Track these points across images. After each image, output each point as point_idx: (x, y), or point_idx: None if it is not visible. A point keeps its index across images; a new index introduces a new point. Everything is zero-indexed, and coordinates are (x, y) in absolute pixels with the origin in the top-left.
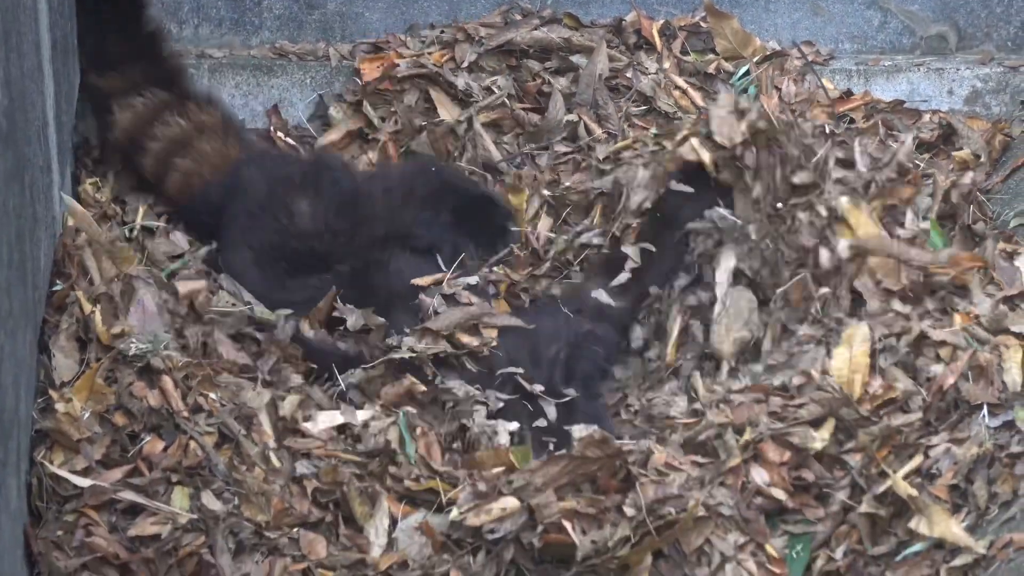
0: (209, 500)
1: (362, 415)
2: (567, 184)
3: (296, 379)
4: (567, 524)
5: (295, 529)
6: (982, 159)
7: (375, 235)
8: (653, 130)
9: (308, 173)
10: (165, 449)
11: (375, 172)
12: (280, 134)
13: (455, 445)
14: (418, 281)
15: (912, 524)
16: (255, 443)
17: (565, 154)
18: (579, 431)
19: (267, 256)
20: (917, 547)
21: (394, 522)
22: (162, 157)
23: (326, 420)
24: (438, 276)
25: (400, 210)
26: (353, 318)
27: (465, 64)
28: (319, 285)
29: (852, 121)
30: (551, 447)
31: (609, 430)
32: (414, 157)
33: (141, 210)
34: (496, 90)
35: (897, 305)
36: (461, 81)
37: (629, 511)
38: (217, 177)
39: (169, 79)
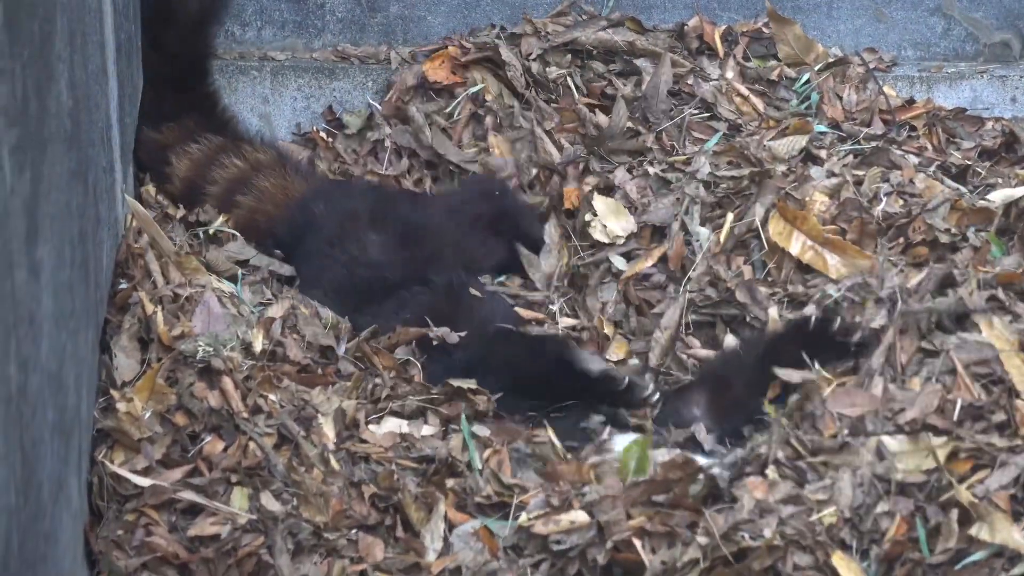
0: (268, 501)
1: (426, 428)
2: None
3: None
4: (636, 542)
5: (353, 531)
6: None
7: (444, 262)
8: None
9: (375, 206)
10: (225, 449)
11: (438, 196)
12: (323, 134)
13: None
14: (523, 314)
15: (973, 531)
16: (314, 445)
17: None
18: (661, 455)
19: (341, 288)
20: (977, 556)
21: (452, 528)
22: (223, 198)
23: (389, 427)
24: (539, 315)
25: (467, 235)
26: (450, 336)
27: (533, 56)
28: (396, 310)
29: (913, 129)
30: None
31: None
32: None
33: (221, 218)
34: (566, 84)
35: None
36: (535, 67)
37: (702, 539)
38: (281, 212)
39: (224, 127)
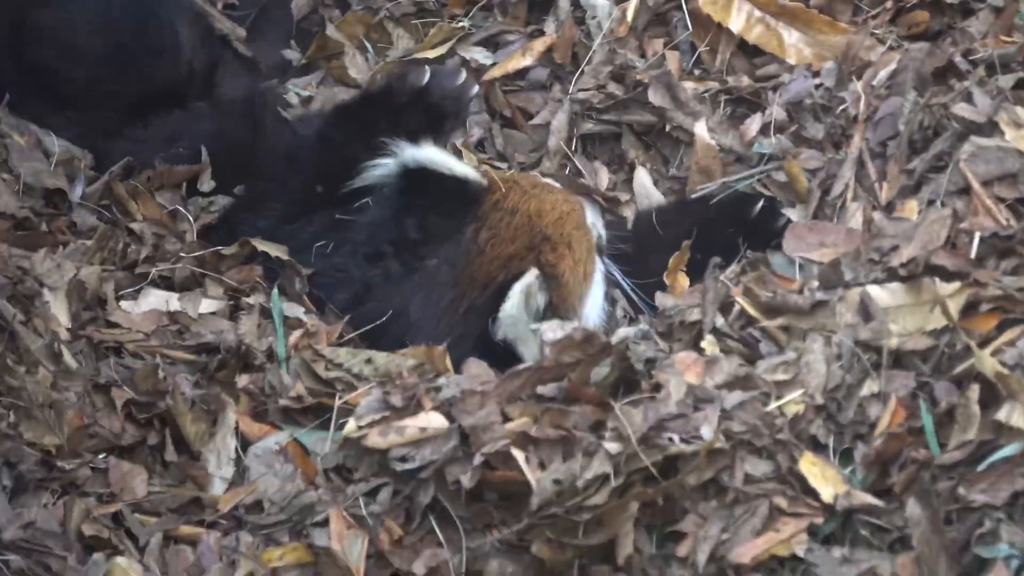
0: None
1: (206, 303)
2: None
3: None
4: (518, 455)
5: (101, 456)
6: None
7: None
8: None
9: None
10: None
11: None
12: None
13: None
14: None
15: (1002, 415)
16: (39, 334)
17: None
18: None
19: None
20: (1008, 450)
21: (247, 445)
22: None
23: (151, 303)
24: None
25: None
26: (205, 185)
27: None
28: (168, 137)
29: None
30: None
31: None
32: None
33: None
34: None
35: None
36: None
37: (612, 446)
38: None
39: None
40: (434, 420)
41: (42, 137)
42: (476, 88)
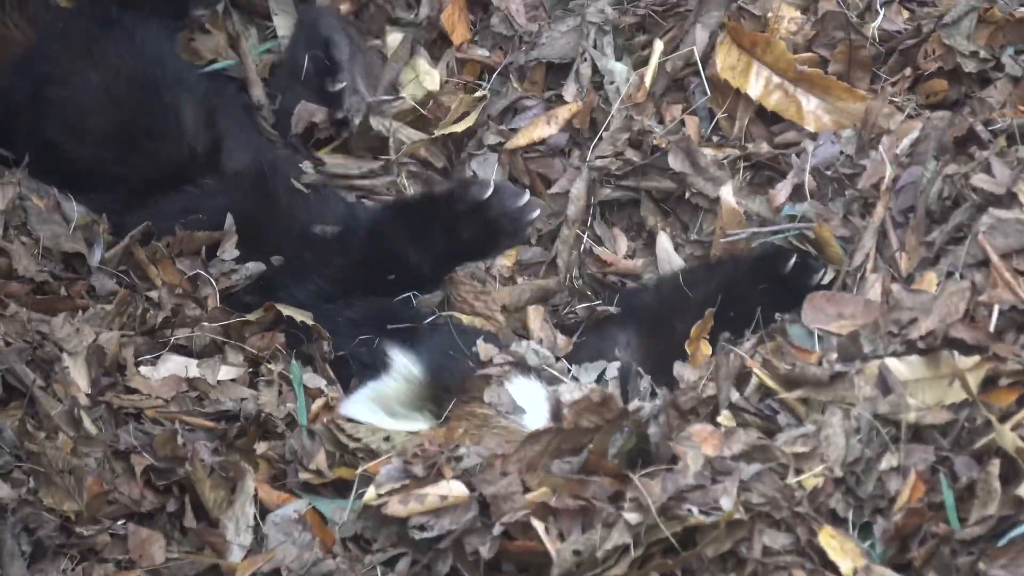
0: None
1: (226, 370)
2: None
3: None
4: (537, 525)
5: (120, 522)
6: None
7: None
8: None
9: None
10: None
11: None
12: None
13: None
14: None
15: (1022, 491)
16: (59, 399)
17: None
18: (569, 392)
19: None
20: None
21: (265, 513)
22: None
23: (170, 369)
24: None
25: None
26: (228, 252)
27: None
28: (180, 209)
29: None
30: None
31: None
32: None
33: None
34: None
35: None
36: None
37: (631, 516)
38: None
39: None
40: (455, 488)
41: (62, 201)
42: (538, 211)
